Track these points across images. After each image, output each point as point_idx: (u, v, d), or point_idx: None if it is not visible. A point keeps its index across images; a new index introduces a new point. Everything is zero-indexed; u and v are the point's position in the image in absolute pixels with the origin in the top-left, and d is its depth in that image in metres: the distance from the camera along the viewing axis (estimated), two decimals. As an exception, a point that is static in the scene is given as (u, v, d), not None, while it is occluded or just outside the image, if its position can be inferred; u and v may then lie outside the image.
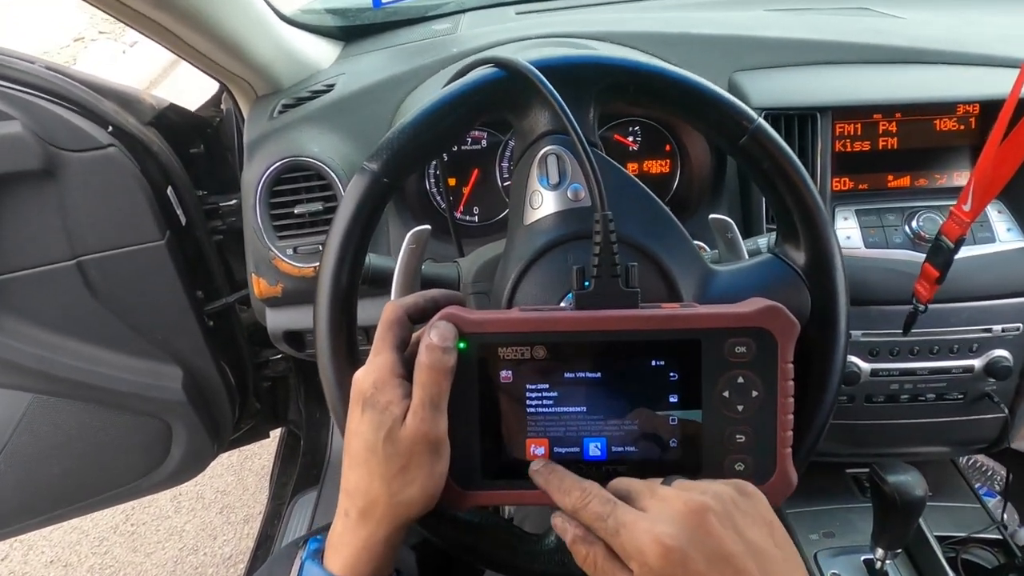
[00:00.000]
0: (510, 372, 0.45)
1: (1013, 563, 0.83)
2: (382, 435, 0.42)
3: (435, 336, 0.43)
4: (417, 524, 0.51)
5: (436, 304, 0.46)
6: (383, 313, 0.46)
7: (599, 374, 0.44)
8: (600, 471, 0.45)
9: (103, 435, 1.05)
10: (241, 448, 1.93)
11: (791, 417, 0.43)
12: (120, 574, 1.68)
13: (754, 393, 0.43)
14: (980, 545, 0.89)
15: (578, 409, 0.45)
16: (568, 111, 0.50)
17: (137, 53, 4.62)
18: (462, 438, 0.45)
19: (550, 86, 0.50)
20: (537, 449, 0.45)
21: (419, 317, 0.46)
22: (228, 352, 1.18)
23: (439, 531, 0.52)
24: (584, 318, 0.44)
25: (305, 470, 1.52)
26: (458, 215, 0.93)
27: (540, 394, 0.45)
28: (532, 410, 0.45)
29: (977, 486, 1.31)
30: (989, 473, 1.34)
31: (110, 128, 0.92)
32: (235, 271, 1.18)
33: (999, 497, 1.19)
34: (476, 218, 0.94)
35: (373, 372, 0.43)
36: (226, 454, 1.93)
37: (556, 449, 0.45)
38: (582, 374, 0.44)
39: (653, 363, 0.44)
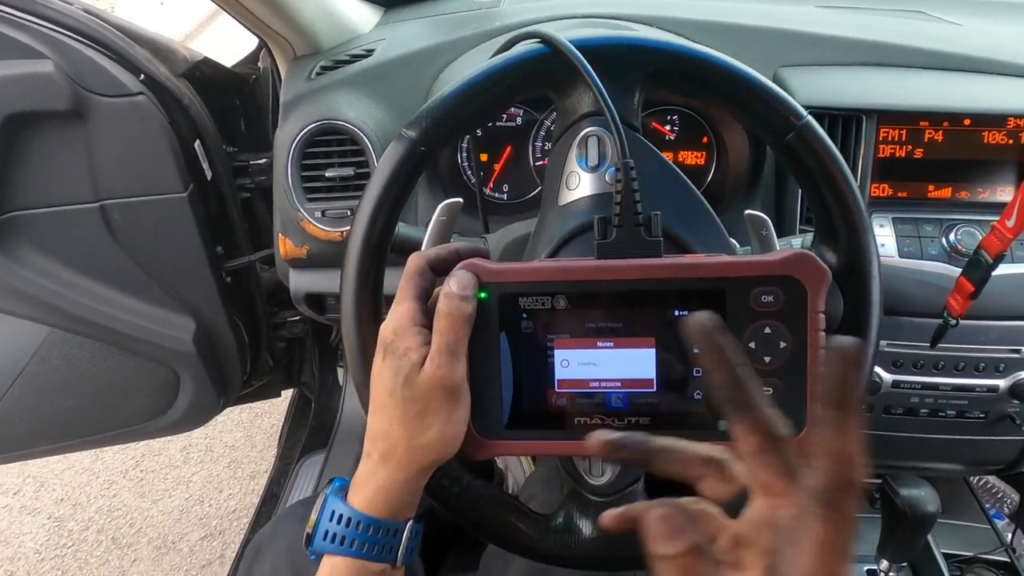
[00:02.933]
0: (531, 322, 0.44)
1: (1019, 586, 0.82)
2: (400, 380, 0.43)
3: (454, 284, 0.43)
4: (429, 496, 0.52)
5: (459, 255, 0.47)
6: (407, 264, 0.46)
7: (621, 324, 0.44)
8: (623, 422, 0.45)
9: (113, 376, 1.08)
10: (252, 406, 1.97)
11: (823, 369, 0.42)
12: (126, 517, 1.72)
13: (782, 344, 0.42)
14: (986, 566, 0.89)
15: (600, 359, 0.44)
16: (605, 92, 0.49)
17: (175, 5, 4.63)
18: (483, 387, 0.45)
19: (589, 67, 0.49)
20: (558, 400, 0.45)
21: (442, 268, 0.46)
22: (243, 309, 1.19)
23: (447, 503, 0.53)
24: (605, 267, 0.44)
25: (314, 433, 1.54)
26: (487, 191, 0.93)
27: (561, 344, 0.44)
28: (553, 359, 0.45)
29: (988, 507, 1.30)
30: (999, 495, 1.33)
31: (142, 76, 0.92)
32: (259, 230, 1.18)
33: (1007, 520, 1.18)
34: (505, 195, 0.93)
35: (393, 320, 0.44)
36: (237, 410, 1.97)
37: (578, 400, 0.45)
38: (604, 324, 0.44)
39: (676, 313, 0.43)
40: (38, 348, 1.04)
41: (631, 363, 0.44)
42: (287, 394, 1.66)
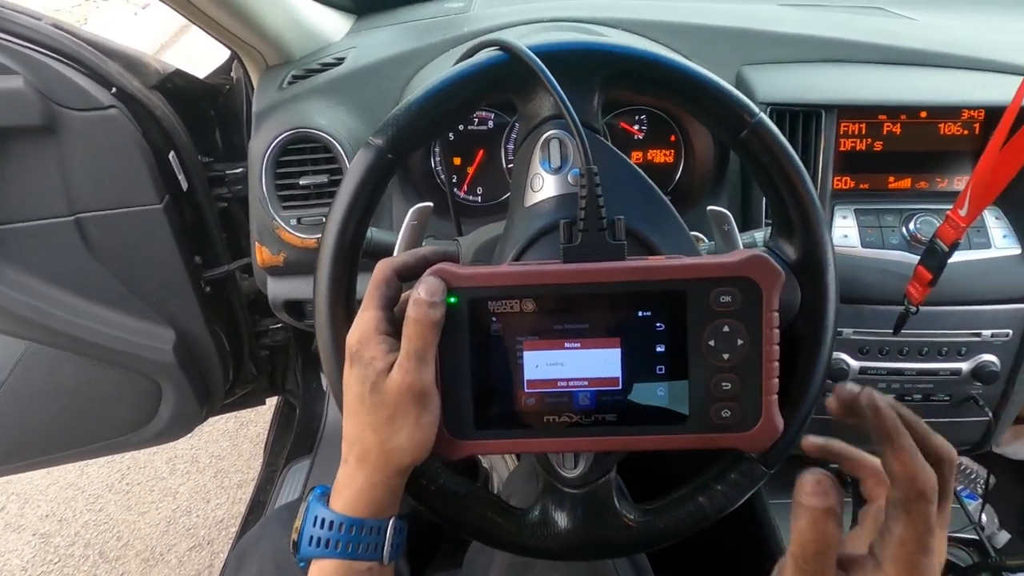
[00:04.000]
0: (500, 325, 0.46)
1: (986, 562, 0.85)
2: (367, 387, 0.44)
3: (423, 291, 0.44)
4: (408, 496, 0.53)
5: (426, 262, 0.48)
6: (374, 272, 0.47)
7: (587, 325, 0.45)
8: (590, 419, 0.46)
9: (94, 388, 1.08)
10: (237, 414, 1.96)
11: (776, 365, 0.44)
12: (113, 531, 1.71)
13: (739, 342, 0.44)
14: (956, 544, 0.91)
15: (567, 360, 0.46)
16: (565, 98, 0.50)
17: (149, 16, 4.60)
18: (454, 390, 0.47)
19: (547, 72, 0.51)
20: (528, 400, 0.47)
21: (409, 275, 0.48)
22: (224, 318, 1.19)
23: (427, 501, 0.54)
24: (571, 271, 0.45)
25: (299, 439, 1.54)
26: (462, 195, 0.94)
27: (530, 345, 0.46)
28: (522, 361, 0.46)
29: (960, 488, 1.33)
30: (972, 476, 1.36)
31: (113, 90, 0.92)
32: (237, 239, 1.19)
33: (980, 499, 1.21)
34: (479, 198, 0.94)
35: (358, 329, 0.46)
36: (223, 419, 1.97)
37: (547, 399, 0.47)
38: (570, 325, 0.46)
39: (640, 314, 0.45)
40: (17, 362, 1.04)
41: (598, 363, 0.46)
42: (272, 402, 1.66)
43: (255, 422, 1.96)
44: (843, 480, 0.99)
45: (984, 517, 1.30)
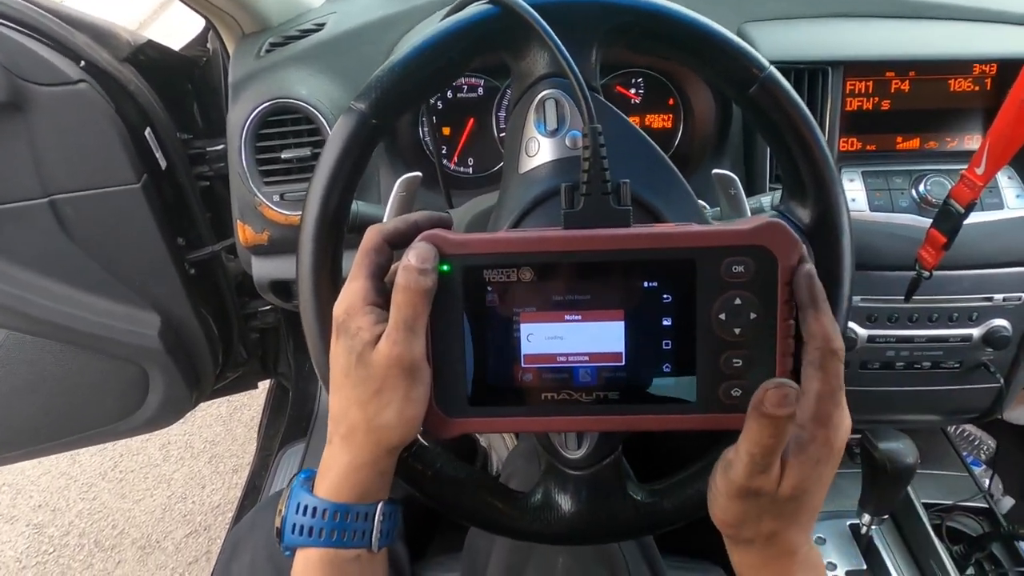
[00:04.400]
0: (496, 295, 0.43)
1: (998, 531, 0.83)
2: (354, 359, 0.41)
3: (413, 257, 0.41)
4: (402, 479, 0.50)
5: (418, 228, 0.44)
6: (363, 239, 0.44)
7: (589, 296, 0.42)
8: (591, 396, 0.43)
9: (79, 376, 1.05)
10: (230, 399, 1.94)
11: (791, 341, 0.41)
12: (108, 519, 1.69)
13: (752, 315, 0.41)
14: (966, 513, 0.90)
15: (567, 333, 0.43)
16: (564, 50, 0.47)
17: (126, -8, 4.48)
18: (446, 363, 0.43)
19: (546, 25, 0.47)
20: (525, 375, 0.43)
21: (401, 242, 0.44)
22: (211, 301, 1.16)
23: (422, 487, 0.51)
24: (572, 237, 0.42)
25: (293, 422, 1.52)
26: (452, 166, 0.90)
27: (527, 317, 0.43)
28: (519, 334, 0.43)
29: (966, 455, 1.32)
30: (976, 442, 1.35)
31: (82, 63, 0.88)
32: (222, 219, 1.15)
33: (984, 466, 1.20)
34: (471, 169, 0.91)
35: (345, 299, 0.43)
36: (216, 404, 1.94)
37: (545, 375, 0.43)
38: (571, 296, 0.42)
39: (646, 284, 0.42)
40: (-3, 353, 1.00)
41: (599, 336, 0.43)
42: (264, 385, 1.64)
43: (248, 406, 1.94)
44: (850, 450, 0.97)
45: (991, 485, 1.29)
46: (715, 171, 0.59)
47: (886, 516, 0.79)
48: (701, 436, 0.48)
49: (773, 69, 0.49)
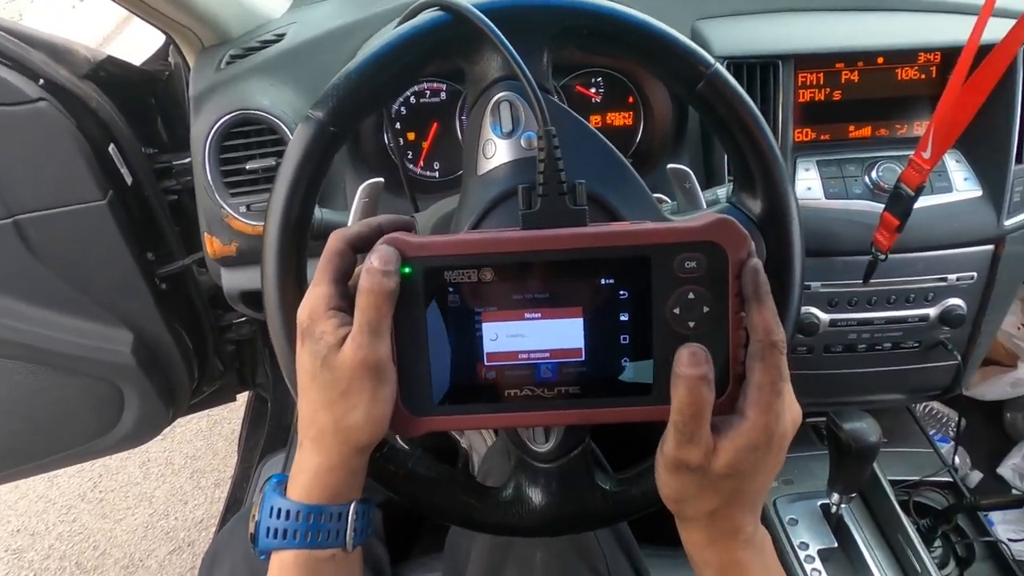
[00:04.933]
0: (458, 295, 0.44)
1: (961, 503, 0.86)
2: (319, 363, 0.42)
3: (376, 260, 0.42)
4: (375, 480, 0.51)
5: (381, 231, 0.45)
6: (327, 244, 0.45)
7: (547, 294, 0.43)
8: (552, 391, 0.45)
9: (52, 396, 1.04)
10: (210, 413, 1.92)
11: (743, 332, 0.42)
12: (89, 540, 1.67)
13: (705, 309, 0.42)
14: (932, 488, 0.93)
15: (528, 330, 0.44)
16: (515, 53, 0.48)
17: (87, 8, 4.42)
18: (410, 364, 0.44)
19: (496, 30, 0.48)
20: (488, 373, 0.45)
21: (364, 246, 0.45)
22: (183, 316, 1.15)
23: (396, 487, 0.52)
24: (530, 237, 0.43)
25: (273, 433, 1.51)
26: (418, 170, 0.91)
27: (489, 317, 0.44)
28: (481, 333, 0.44)
29: (932, 432, 1.35)
30: (944, 420, 1.39)
31: (41, 81, 0.87)
32: (192, 232, 1.14)
33: (952, 443, 1.23)
34: (437, 173, 0.92)
35: (308, 304, 0.43)
36: (195, 419, 1.93)
37: (507, 372, 0.44)
38: (530, 295, 0.43)
39: (603, 282, 0.43)
40: (-35, 376, 0.99)
41: (559, 333, 0.44)
42: (243, 397, 1.63)
43: (228, 419, 1.93)
44: (819, 432, 1.00)
45: (957, 459, 1.33)
46: (670, 166, 0.61)
47: (854, 495, 0.81)
48: (665, 426, 0.50)
49: (719, 66, 0.51)
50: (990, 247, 0.83)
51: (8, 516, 1.74)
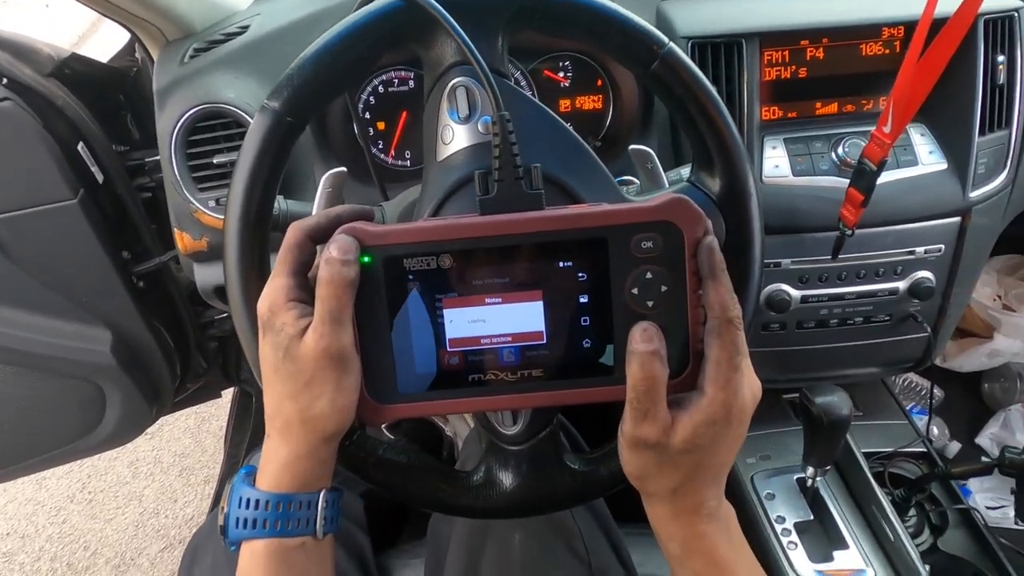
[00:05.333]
0: (417, 282, 0.44)
1: (933, 472, 0.88)
2: (280, 354, 0.43)
3: (335, 250, 0.42)
4: (346, 468, 0.52)
5: (340, 221, 0.45)
6: (285, 236, 0.45)
7: (507, 279, 0.44)
8: (515, 375, 0.45)
9: (32, 398, 1.03)
10: (197, 410, 1.92)
11: (702, 310, 0.43)
12: (80, 541, 1.67)
13: (663, 288, 0.43)
14: (907, 459, 0.94)
15: (489, 315, 0.44)
16: (466, 38, 0.48)
17: (60, 9, 4.35)
18: (373, 352, 0.45)
19: (447, 14, 0.48)
20: (451, 359, 0.45)
21: (323, 237, 0.45)
22: (163, 313, 1.15)
23: (368, 474, 0.53)
24: (487, 223, 0.43)
25: (259, 428, 1.51)
26: (389, 159, 0.91)
27: (449, 303, 0.44)
28: (442, 319, 0.44)
29: (911, 405, 1.37)
30: (923, 392, 1.41)
31: (4, 80, 0.86)
32: (167, 229, 1.13)
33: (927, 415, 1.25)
34: (408, 162, 0.91)
35: (268, 297, 0.44)
36: (183, 417, 1.92)
37: (470, 358, 0.45)
38: (490, 280, 0.44)
39: (560, 264, 0.43)
40: (-57, 381, 0.98)
41: (520, 317, 0.44)
42: (229, 393, 1.63)
43: (216, 416, 1.93)
44: (796, 408, 1.01)
45: (935, 430, 1.35)
46: (632, 147, 0.61)
47: (829, 467, 0.82)
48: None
49: (672, 45, 0.51)
50: (957, 219, 0.84)
51: (-3, 520, 1.74)
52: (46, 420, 1.08)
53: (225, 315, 1.31)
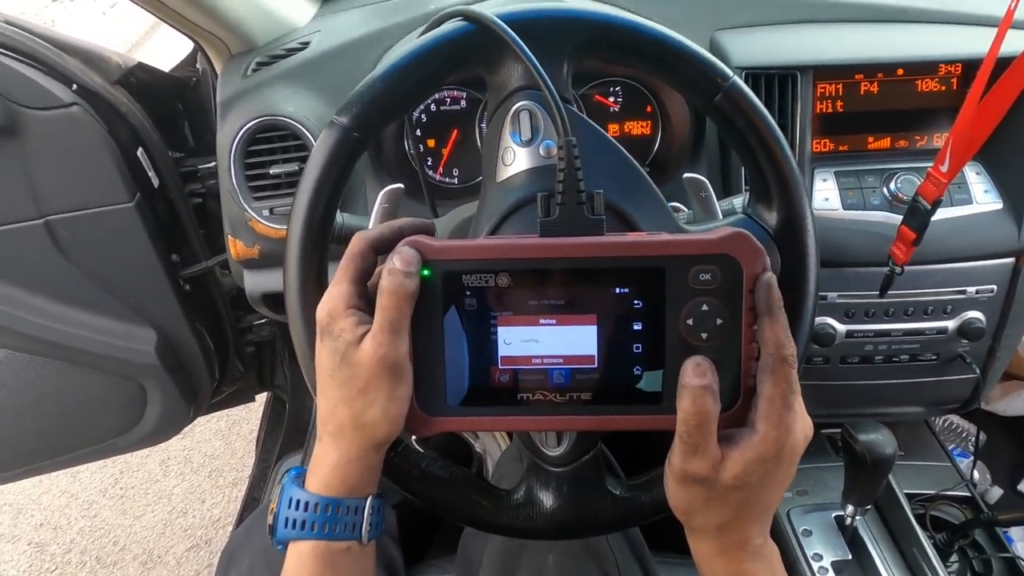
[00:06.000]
0: (475, 299, 0.44)
1: (979, 518, 0.85)
2: (337, 360, 0.43)
3: (398, 261, 0.43)
4: (388, 479, 0.52)
5: (402, 234, 0.46)
6: (349, 244, 0.46)
7: (563, 301, 0.44)
8: (565, 397, 0.45)
9: (77, 393, 1.06)
10: (228, 413, 1.95)
11: (755, 346, 0.43)
12: (109, 536, 1.70)
13: (718, 321, 0.43)
14: (949, 502, 0.92)
15: (542, 336, 0.45)
16: (537, 64, 0.49)
17: (118, 14, 4.52)
18: (426, 365, 0.45)
19: (519, 40, 0.49)
20: (502, 376, 0.45)
21: (385, 248, 0.46)
22: (206, 317, 1.17)
23: (409, 486, 0.53)
24: (547, 245, 0.44)
25: (291, 434, 1.53)
26: (437, 176, 0.92)
27: (504, 321, 0.45)
28: (496, 337, 0.45)
29: (951, 447, 1.34)
30: (964, 435, 1.37)
31: (74, 87, 0.90)
32: (215, 235, 1.17)
33: (971, 457, 1.22)
34: (456, 180, 0.93)
35: (328, 303, 0.44)
36: (214, 419, 1.96)
37: (521, 376, 0.45)
38: (546, 301, 0.44)
39: (617, 290, 0.44)
40: (-5, 372, 1.02)
41: (573, 340, 0.45)
42: (262, 398, 1.65)
43: (247, 420, 1.95)
44: (834, 443, 0.99)
45: (976, 474, 1.31)
46: (686, 176, 0.62)
47: (869, 507, 0.81)
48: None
49: (736, 78, 0.51)
50: (1010, 260, 0.82)
51: (32, 510, 1.77)
52: (90, 415, 1.11)
53: (263, 321, 1.33)
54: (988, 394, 0.91)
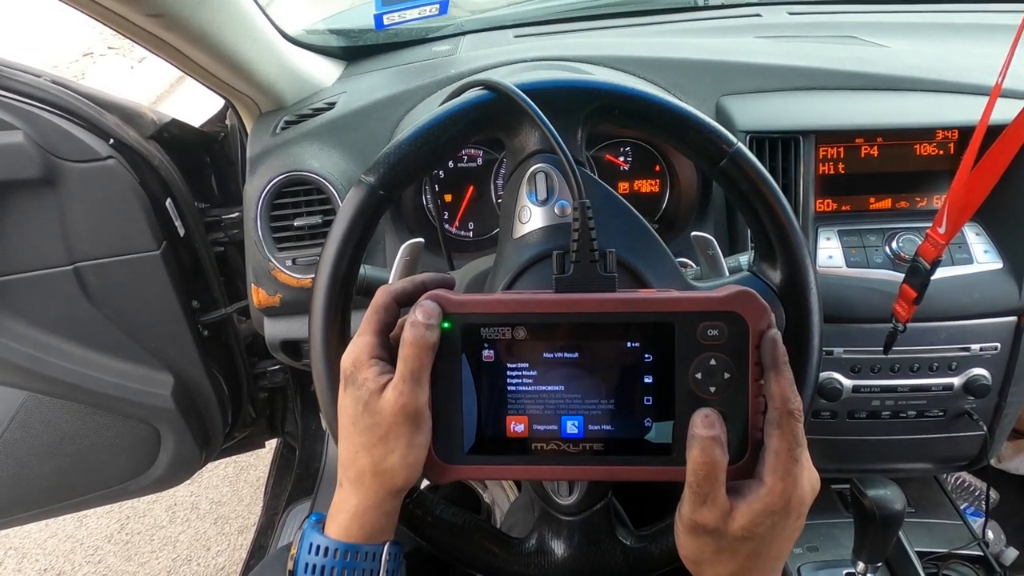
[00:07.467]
0: (492, 351, 0.47)
1: (992, 578, 0.84)
2: (360, 408, 0.45)
3: (420, 314, 0.45)
4: (404, 525, 0.53)
5: (424, 288, 0.49)
6: (374, 297, 0.49)
7: (576, 354, 0.46)
8: (577, 447, 0.47)
9: (94, 436, 1.08)
10: (236, 459, 1.95)
11: (762, 400, 0.45)
12: (113, 583, 1.68)
13: (726, 375, 0.45)
14: (961, 561, 0.91)
15: (557, 388, 0.47)
16: (554, 130, 0.52)
17: (145, 69, 4.70)
18: (445, 414, 0.47)
19: (536, 108, 0.53)
20: (517, 426, 0.47)
21: (408, 301, 0.49)
22: (222, 362, 1.20)
23: (423, 532, 0.54)
24: (562, 300, 0.46)
25: (300, 481, 1.53)
26: (453, 230, 0.96)
27: (520, 373, 0.47)
28: (512, 388, 0.47)
29: (964, 506, 1.32)
30: (976, 493, 1.35)
31: (111, 141, 0.95)
32: (234, 283, 1.20)
33: (984, 516, 1.20)
34: (471, 233, 0.96)
35: (352, 352, 0.47)
36: (222, 465, 1.96)
37: (535, 426, 0.47)
38: (560, 354, 0.46)
39: (629, 345, 0.46)
40: (16, 413, 1.04)
41: (586, 391, 0.47)
42: (271, 444, 1.66)
43: (255, 466, 1.95)
44: (844, 499, 0.99)
45: (991, 534, 1.29)
46: (694, 234, 0.64)
47: (880, 564, 0.80)
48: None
49: (740, 145, 0.55)
50: (1013, 319, 0.84)
51: (37, 555, 1.76)
52: (103, 458, 1.12)
53: (277, 367, 1.36)
54: (997, 451, 0.91)
